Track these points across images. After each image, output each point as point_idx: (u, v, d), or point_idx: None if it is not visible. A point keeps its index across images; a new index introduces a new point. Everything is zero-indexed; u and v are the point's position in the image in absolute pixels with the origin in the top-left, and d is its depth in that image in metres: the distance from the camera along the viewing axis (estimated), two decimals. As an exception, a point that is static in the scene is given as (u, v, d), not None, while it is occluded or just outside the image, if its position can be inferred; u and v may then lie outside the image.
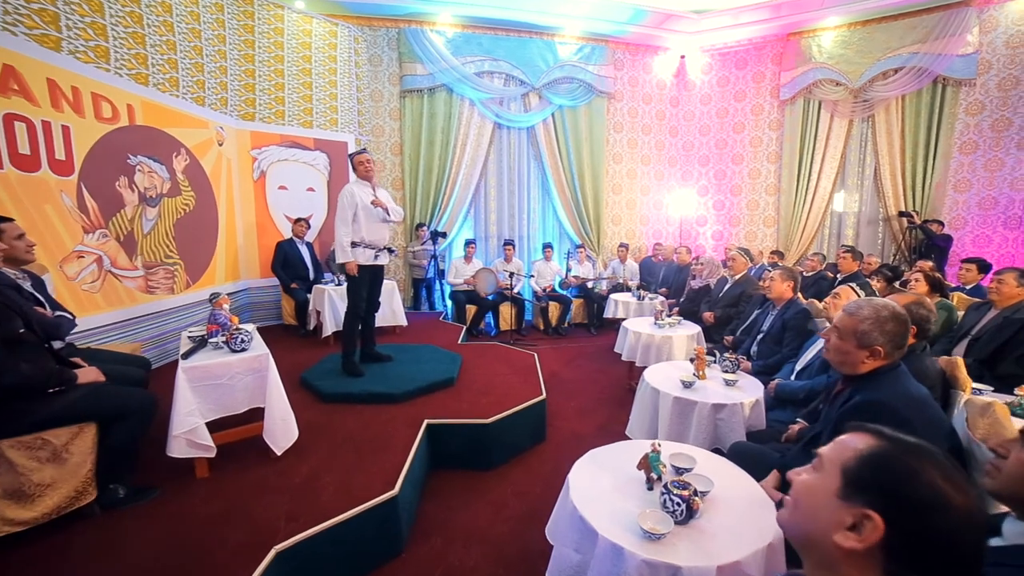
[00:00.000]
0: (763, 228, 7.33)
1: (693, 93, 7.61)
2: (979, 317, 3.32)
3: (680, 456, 1.81)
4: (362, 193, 3.40)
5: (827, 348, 1.68)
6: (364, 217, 3.40)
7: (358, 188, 3.40)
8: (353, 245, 3.37)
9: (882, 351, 1.54)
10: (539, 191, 7.39)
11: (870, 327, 1.54)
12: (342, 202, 3.33)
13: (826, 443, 0.81)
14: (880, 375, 1.56)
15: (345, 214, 3.32)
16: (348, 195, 3.34)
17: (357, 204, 3.35)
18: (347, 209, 3.32)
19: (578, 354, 5.59)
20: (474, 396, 3.30)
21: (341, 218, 3.32)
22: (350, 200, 3.33)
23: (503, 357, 4.28)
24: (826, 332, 1.69)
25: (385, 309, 4.92)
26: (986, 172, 6.21)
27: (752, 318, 3.69)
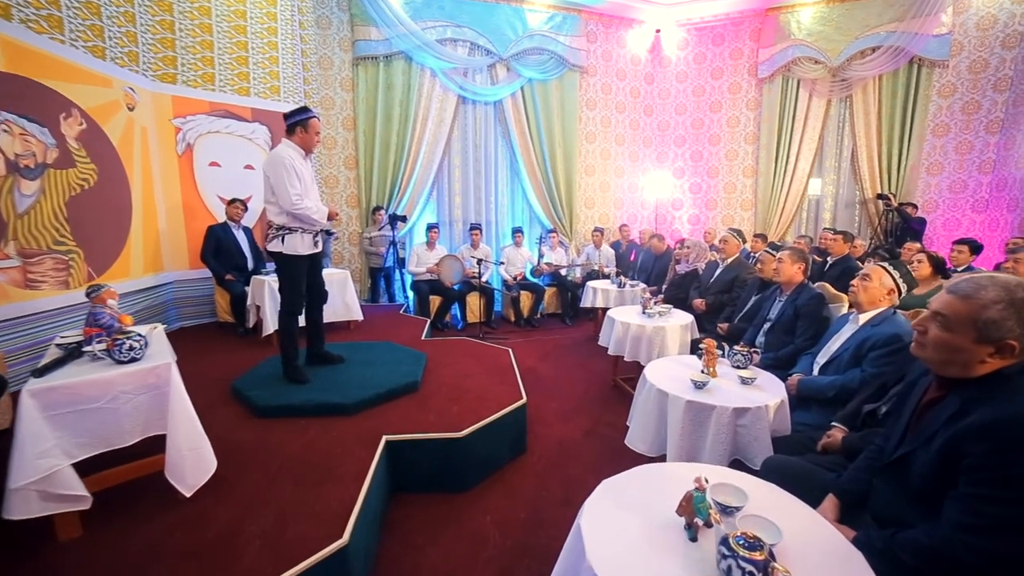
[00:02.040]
0: (740, 211, 7.12)
1: (669, 70, 7.26)
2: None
3: (723, 487, 1.38)
4: (300, 163, 2.79)
5: (920, 343, 1.28)
6: (304, 193, 2.79)
7: (294, 155, 2.77)
8: (289, 231, 2.76)
9: (1016, 346, 1.14)
10: (507, 172, 6.88)
11: (1001, 314, 1.12)
12: (283, 167, 2.66)
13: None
14: (1007, 380, 1.16)
15: (293, 181, 2.69)
16: (289, 160, 2.69)
17: (300, 175, 2.74)
18: (294, 177, 2.69)
19: (554, 347, 5.17)
20: (442, 403, 2.80)
21: (290, 184, 2.67)
22: (291, 166, 2.69)
23: (474, 354, 3.80)
24: (920, 320, 1.29)
25: (337, 302, 4.33)
26: (956, 155, 6.18)
27: (751, 304, 3.35)
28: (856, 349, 2.19)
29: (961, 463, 1.12)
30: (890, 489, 1.34)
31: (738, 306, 3.52)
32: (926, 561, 1.15)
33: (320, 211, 2.80)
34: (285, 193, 2.67)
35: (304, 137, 2.79)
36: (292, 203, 2.67)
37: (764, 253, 3.26)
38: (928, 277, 3.25)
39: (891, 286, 2.21)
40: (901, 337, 2.09)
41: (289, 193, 2.67)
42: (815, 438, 2.04)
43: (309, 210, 2.72)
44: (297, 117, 2.78)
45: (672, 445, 2.16)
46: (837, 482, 1.57)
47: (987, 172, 6.09)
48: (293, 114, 2.80)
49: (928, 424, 1.27)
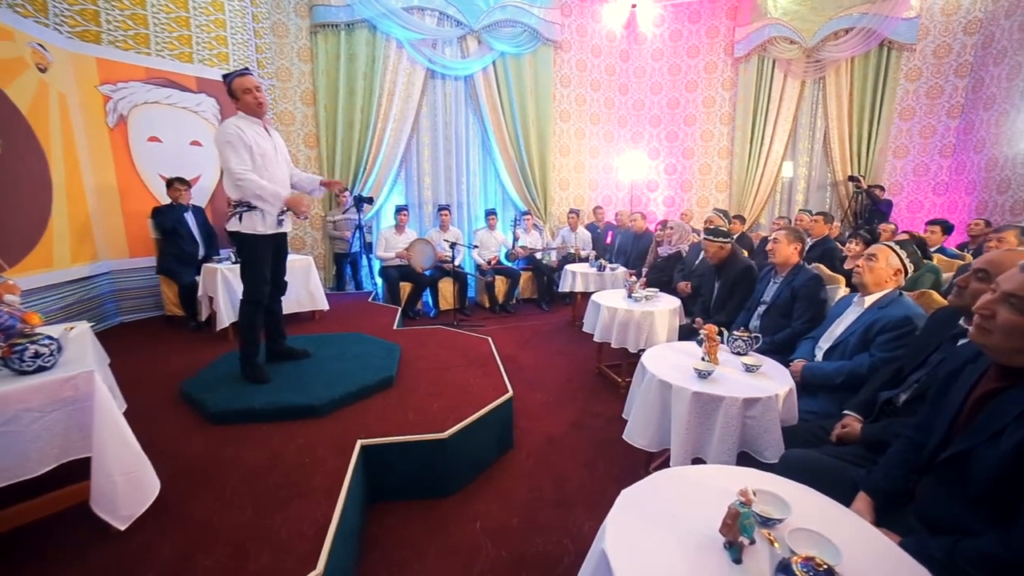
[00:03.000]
0: (715, 193, 7.08)
1: (644, 47, 7.08)
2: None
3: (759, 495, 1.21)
4: (255, 134, 2.45)
5: (984, 328, 1.13)
6: (262, 166, 2.46)
7: (246, 125, 2.43)
8: (248, 208, 2.43)
9: None
10: (479, 151, 6.57)
11: None
12: (228, 139, 2.34)
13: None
14: None
15: (240, 154, 2.36)
16: (235, 131, 2.36)
17: (251, 147, 2.40)
18: (240, 150, 2.36)
19: (532, 334, 4.98)
20: (421, 400, 2.56)
21: (236, 159, 2.36)
22: (238, 137, 2.36)
23: (451, 343, 3.55)
24: (984, 303, 1.13)
25: (300, 291, 3.99)
26: (921, 139, 6.30)
27: (717, 290, 3.23)
28: (864, 333, 2.08)
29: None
30: (943, 491, 1.20)
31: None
32: (998, 574, 1.01)
33: (270, 191, 2.44)
34: (227, 168, 2.38)
35: (241, 102, 2.45)
36: (235, 174, 2.36)
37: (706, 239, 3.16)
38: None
39: (898, 266, 2.11)
40: (911, 319, 1.99)
41: (231, 167, 2.36)
42: (826, 427, 1.93)
43: (252, 183, 2.38)
44: (227, 84, 2.47)
45: (677, 440, 2.00)
46: (869, 479, 1.43)
47: (948, 156, 6.24)
48: (226, 83, 2.48)
49: (990, 419, 1.13)
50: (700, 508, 1.23)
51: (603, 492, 2.36)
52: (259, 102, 2.48)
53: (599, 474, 2.52)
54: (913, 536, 1.19)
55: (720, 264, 3.29)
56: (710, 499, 1.26)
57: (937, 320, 1.81)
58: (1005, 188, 5.41)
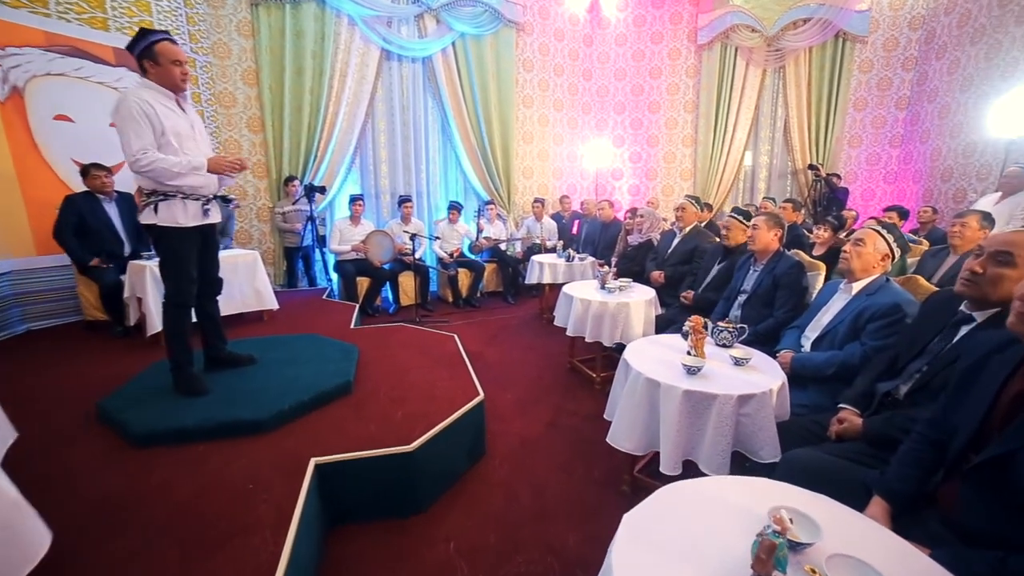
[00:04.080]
0: (680, 181, 7.08)
1: (608, 32, 6.95)
2: (938, 264, 3.12)
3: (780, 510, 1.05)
4: (165, 109, 2.05)
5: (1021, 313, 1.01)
6: (178, 149, 2.07)
7: (155, 98, 2.04)
8: (164, 197, 2.07)
9: None
10: (439, 137, 6.26)
11: None
12: (128, 112, 1.94)
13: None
14: None
15: (140, 130, 1.96)
16: (139, 104, 1.96)
17: (163, 124, 2.02)
18: (142, 125, 1.96)
19: (499, 329, 4.77)
20: (384, 407, 2.30)
21: (135, 134, 1.95)
22: (143, 112, 1.96)
23: (414, 342, 3.30)
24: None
25: (245, 289, 3.62)
26: (873, 129, 6.51)
27: (715, 273, 3.15)
28: (853, 321, 1.99)
29: None
30: (979, 498, 1.08)
31: (699, 276, 3.31)
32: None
33: (184, 164, 2.06)
34: (125, 145, 1.96)
35: (159, 71, 2.04)
36: (131, 157, 1.96)
37: (731, 219, 3.04)
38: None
39: (885, 251, 2.04)
40: (901, 307, 1.92)
41: (132, 145, 1.95)
42: (820, 422, 1.83)
43: (161, 162, 1.98)
44: (140, 45, 2.02)
45: (666, 442, 1.85)
46: (883, 481, 1.31)
47: (897, 146, 6.47)
48: (134, 43, 2.03)
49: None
50: (717, 531, 1.06)
51: (585, 499, 2.20)
52: (184, 78, 2.12)
53: (579, 478, 2.36)
54: (947, 548, 1.06)
55: (734, 248, 3.11)
56: (727, 518, 1.10)
57: (932, 307, 1.73)
58: (948, 177, 5.64)
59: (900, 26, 6.27)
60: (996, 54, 5.12)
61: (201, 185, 2.13)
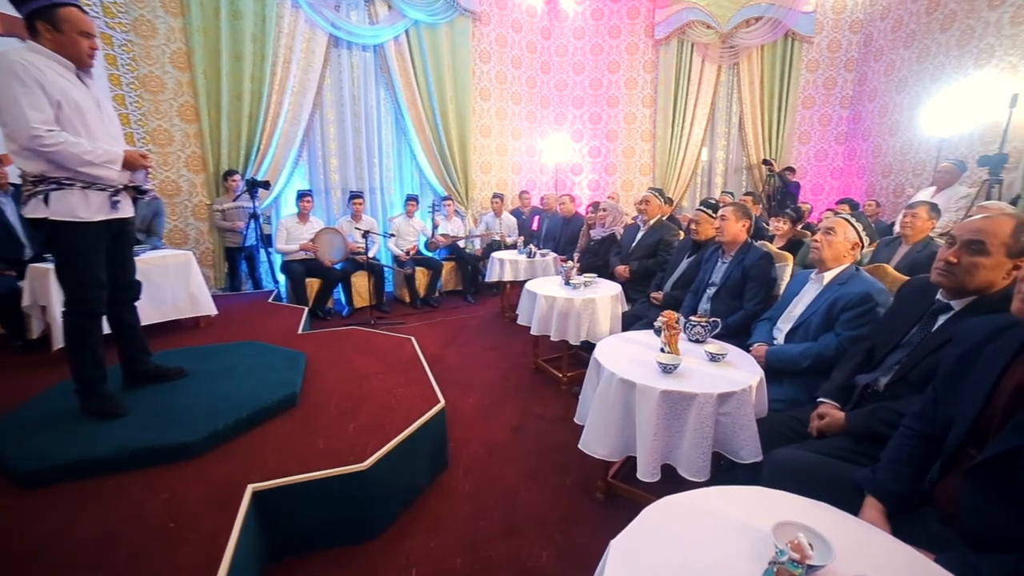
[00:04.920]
0: (640, 176, 7.12)
1: (566, 25, 6.88)
2: (892, 253, 3.18)
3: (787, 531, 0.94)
4: (60, 79, 1.71)
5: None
6: (79, 127, 1.74)
7: (47, 64, 1.69)
8: (59, 185, 1.72)
9: None
10: (392, 130, 5.98)
11: None
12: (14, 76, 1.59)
13: None
14: None
15: (34, 98, 1.61)
16: (24, 67, 1.61)
17: (60, 95, 1.68)
18: (36, 94, 1.62)
19: (459, 329, 4.58)
20: (334, 420, 2.08)
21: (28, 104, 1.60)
22: (32, 77, 1.62)
23: (368, 346, 3.06)
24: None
25: (177, 294, 3.27)
26: (820, 126, 6.76)
27: (684, 268, 3.08)
28: (827, 312, 1.95)
29: None
30: (988, 498, 0.99)
31: (668, 271, 3.25)
32: None
33: (101, 153, 1.75)
34: (17, 118, 1.60)
35: (59, 40, 1.70)
36: (30, 133, 1.60)
37: (699, 212, 2.99)
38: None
39: (855, 240, 2.01)
40: (872, 296, 1.88)
41: (26, 116, 1.59)
42: (799, 418, 1.76)
43: (70, 145, 1.66)
44: (32, 5, 1.66)
45: (644, 446, 1.73)
46: (876, 481, 1.23)
47: (842, 143, 6.75)
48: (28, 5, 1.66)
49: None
50: (719, 554, 0.94)
51: (558, 509, 2.05)
52: (92, 54, 1.80)
53: (551, 487, 2.21)
54: (953, 553, 0.98)
55: (703, 242, 3.04)
56: (726, 538, 0.98)
57: (907, 296, 1.69)
58: (888, 172, 5.91)
59: (842, 29, 6.53)
60: (926, 58, 5.38)
61: (105, 174, 1.81)
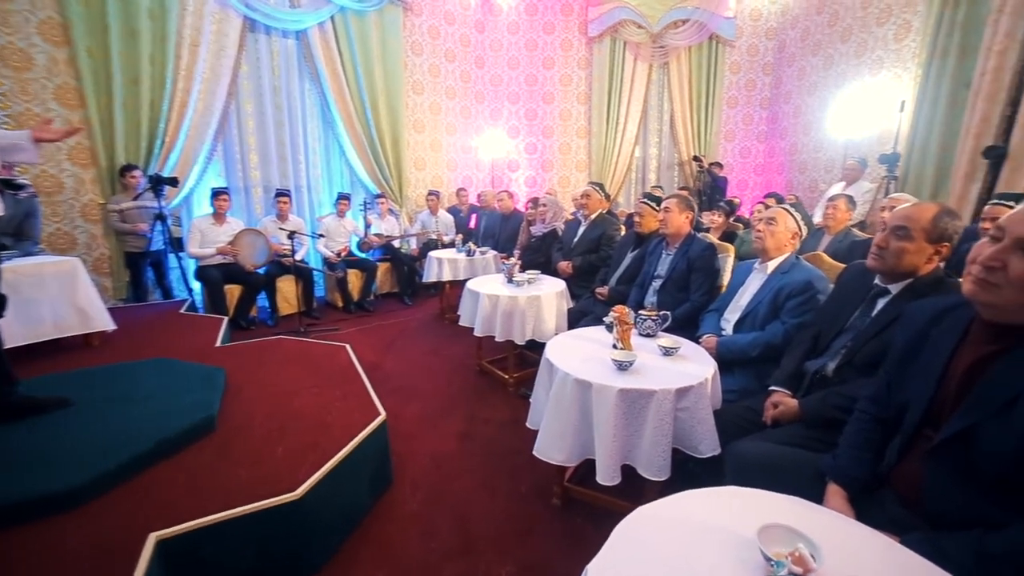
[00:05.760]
0: (576, 173, 7.20)
1: (500, 19, 6.79)
2: (816, 243, 3.35)
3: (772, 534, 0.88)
4: None
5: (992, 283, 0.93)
6: None
7: None
8: None
9: None
10: (319, 124, 5.59)
11: None
12: None
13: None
14: None
15: None
16: None
17: None
18: None
19: (397, 334, 4.35)
20: (260, 444, 1.83)
21: None
22: None
23: (298, 356, 2.79)
24: (993, 254, 0.94)
25: (60, 308, 2.83)
26: (743, 125, 7.16)
27: (629, 262, 3.07)
28: (772, 300, 1.98)
29: None
30: (948, 479, 0.99)
31: (612, 266, 3.23)
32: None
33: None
34: None
35: None
36: None
37: (642, 204, 2.99)
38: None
39: (795, 229, 2.06)
40: (813, 283, 1.93)
41: None
42: (753, 407, 1.76)
43: None
44: None
45: (602, 448, 1.65)
46: (837, 467, 1.23)
47: (763, 141, 7.20)
48: None
49: (994, 389, 0.94)
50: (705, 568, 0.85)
51: (515, 519, 1.94)
52: None
53: (505, 496, 2.09)
54: (917, 535, 0.98)
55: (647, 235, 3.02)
56: (710, 547, 0.91)
57: (847, 282, 1.73)
58: (804, 169, 6.36)
59: (759, 35, 6.95)
60: (831, 65, 5.83)
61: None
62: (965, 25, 4.11)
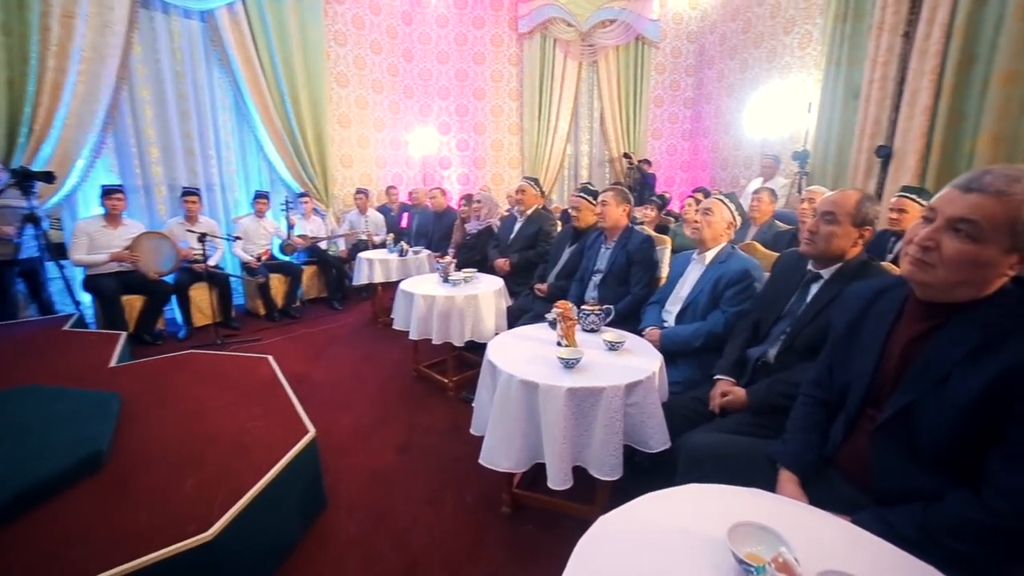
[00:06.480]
0: (509, 170, 7.15)
1: (428, 12, 6.57)
2: (744, 235, 3.51)
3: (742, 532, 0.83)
4: None
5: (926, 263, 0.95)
6: None
7: None
8: None
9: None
10: (232, 116, 5.12)
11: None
12: None
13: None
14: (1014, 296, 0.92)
15: None
16: None
17: None
18: None
19: (327, 341, 4.07)
20: (163, 479, 1.56)
21: None
22: None
23: (213, 373, 2.47)
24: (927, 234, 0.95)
25: None
26: (669, 124, 7.46)
27: (567, 258, 3.04)
28: (712, 290, 2.00)
29: (1015, 409, 0.84)
30: (892, 456, 1.02)
31: (550, 262, 3.18)
32: (982, 542, 0.86)
33: None
34: None
35: None
36: None
37: (579, 198, 2.96)
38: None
39: (730, 219, 2.09)
40: (750, 272, 1.97)
41: None
42: (699, 398, 1.77)
43: None
44: None
45: (552, 451, 1.58)
46: (787, 453, 1.24)
47: (688, 139, 7.55)
48: None
49: (929, 365, 0.97)
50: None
51: (463, 533, 1.82)
52: None
53: (451, 509, 1.96)
54: (866, 511, 1.00)
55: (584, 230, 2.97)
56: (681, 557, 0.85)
57: (782, 269, 1.78)
58: (725, 166, 6.73)
59: (681, 38, 7.27)
60: (747, 69, 6.21)
61: None
62: (853, 38, 4.51)
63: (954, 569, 0.80)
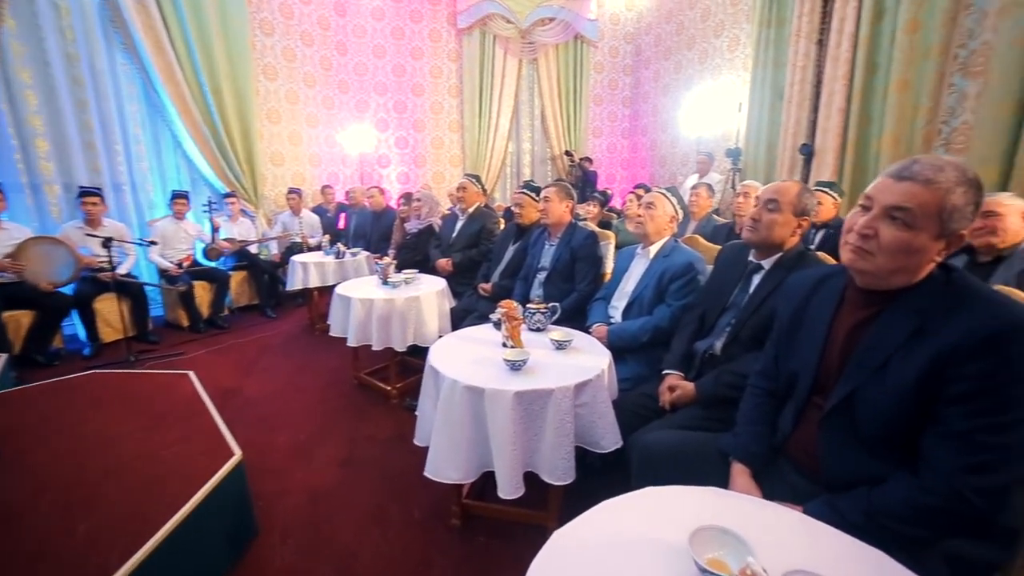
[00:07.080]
0: (450, 168, 7.01)
1: (363, 3, 6.28)
2: (684, 229, 3.59)
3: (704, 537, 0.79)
4: None
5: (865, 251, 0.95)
6: None
7: None
8: None
9: (964, 237, 0.93)
10: (142, 107, 4.63)
11: (964, 199, 0.88)
12: None
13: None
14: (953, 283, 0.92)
15: None
16: None
17: None
18: None
19: (260, 352, 3.77)
20: (46, 527, 1.31)
21: None
22: None
23: (121, 394, 2.18)
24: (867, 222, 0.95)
25: None
26: (609, 122, 7.59)
27: (511, 256, 2.96)
28: (657, 284, 1.99)
29: (946, 391, 0.87)
30: (839, 442, 1.03)
31: (494, 261, 3.10)
32: (925, 523, 0.88)
33: None
34: None
35: None
36: None
37: (522, 195, 2.89)
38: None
39: (672, 213, 2.10)
40: (693, 265, 1.97)
41: None
42: (648, 394, 1.74)
43: None
44: None
45: (502, 459, 1.49)
46: (739, 446, 1.23)
47: (627, 137, 7.72)
48: None
49: (869, 352, 0.98)
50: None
51: (411, 551, 1.70)
52: None
53: (397, 525, 1.83)
54: (816, 500, 1.00)
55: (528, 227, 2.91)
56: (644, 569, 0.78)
57: (724, 262, 1.79)
58: (664, 163, 6.93)
59: (619, 38, 7.41)
60: (681, 69, 6.42)
61: None
62: (776, 43, 4.77)
63: (904, 552, 0.80)
